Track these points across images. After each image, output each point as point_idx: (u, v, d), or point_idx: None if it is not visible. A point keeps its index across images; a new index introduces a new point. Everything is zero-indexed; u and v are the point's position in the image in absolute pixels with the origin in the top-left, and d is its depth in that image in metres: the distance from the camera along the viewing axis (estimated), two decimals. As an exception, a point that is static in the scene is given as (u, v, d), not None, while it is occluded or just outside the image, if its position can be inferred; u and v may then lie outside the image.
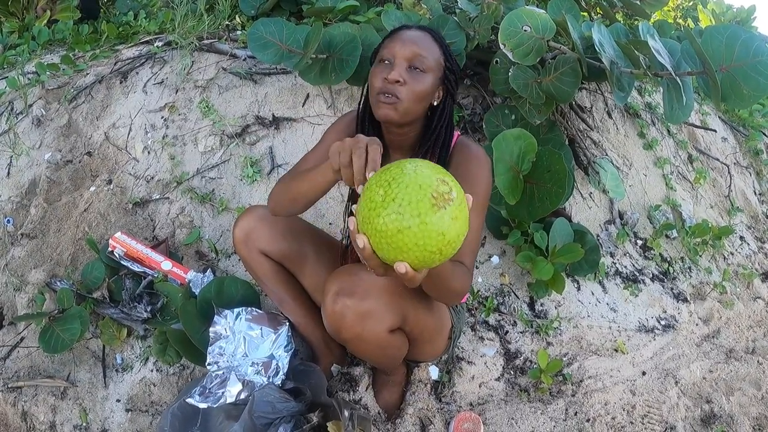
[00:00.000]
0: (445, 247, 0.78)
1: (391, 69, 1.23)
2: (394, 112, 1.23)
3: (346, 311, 1.19)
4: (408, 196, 0.75)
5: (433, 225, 0.75)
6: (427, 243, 0.76)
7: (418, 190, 0.75)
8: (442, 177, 0.78)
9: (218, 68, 2.34)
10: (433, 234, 0.76)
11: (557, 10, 2.03)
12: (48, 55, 2.53)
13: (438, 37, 1.29)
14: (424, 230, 0.75)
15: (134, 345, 1.75)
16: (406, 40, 1.24)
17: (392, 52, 1.24)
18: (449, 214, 0.76)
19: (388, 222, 0.76)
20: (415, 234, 0.75)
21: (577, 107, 2.52)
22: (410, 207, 0.75)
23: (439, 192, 0.76)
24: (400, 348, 1.38)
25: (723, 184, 2.85)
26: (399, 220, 0.75)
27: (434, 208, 0.75)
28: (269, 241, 1.52)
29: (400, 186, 0.76)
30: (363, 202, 0.80)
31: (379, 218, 0.77)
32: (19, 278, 1.88)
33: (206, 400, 1.47)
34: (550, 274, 1.87)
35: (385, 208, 0.76)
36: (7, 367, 1.71)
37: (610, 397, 1.76)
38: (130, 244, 1.84)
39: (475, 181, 1.29)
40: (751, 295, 2.41)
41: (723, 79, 1.59)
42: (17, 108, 2.24)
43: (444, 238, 0.77)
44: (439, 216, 0.75)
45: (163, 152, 2.17)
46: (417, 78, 1.23)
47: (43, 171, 2.10)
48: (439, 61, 1.27)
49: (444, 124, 1.33)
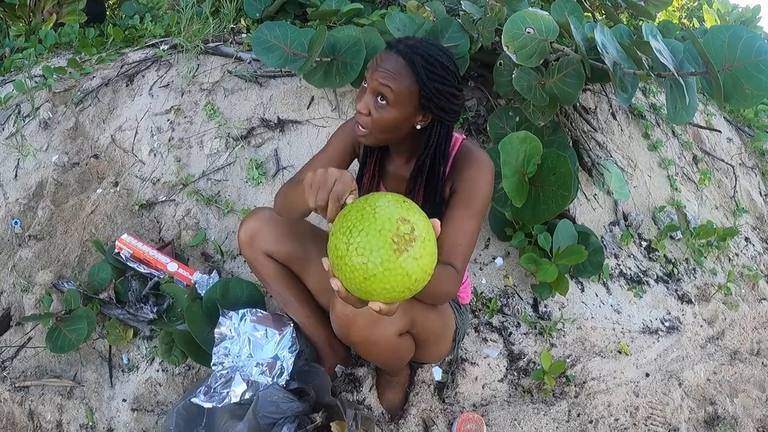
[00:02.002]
0: (412, 285, 0.80)
1: (362, 95, 1.22)
2: (365, 139, 1.25)
3: (356, 315, 1.20)
4: (369, 243, 0.77)
5: (397, 269, 0.77)
6: (394, 285, 0.78)
7: (378, 237, 0.77)
8: (403, 216, 0.79)
9: (223, 71, 2.36)
10: (398, 277, 0.78)
11: (560, 12, 2.03)
12: (55, 58, 2.56)
13: (417, 63, 1.18)
14: (389, 275, 0.77)
15: (140, 345, 1.77)
16: (377, 69, 1.19)
17: (367, 76, 1.22)
18: (412, 255, 0.78)
19: (355, 270, 0.78)
20: (381, 279, 0.77)
21: (581, 108, 2.52)
22: (372, 255, 0.76)
23: (399, 234, 0.77)
24: (408, 351, 1.39)
25: (728, 185, 2.84)
26: (364, 269, 0.77)
27: (396, 253, 0.77)
28: (274, 243, 1.53)
29: (361, 233, 0.77)
30: (330, 249, 0.82)
31: (346, 267, 0.79)
32: (26, 279, 1.90)
33: (211, 400, 1.48)
34: (554, 276, 1.88)
35: (350, 257, 0.78)
36: (14, 366, 1.72)
37: (614, 399, 1.76)
38: (137, 246, 1.86)
39: (475, 185, 1.29)
40: (756, 296, 2.40)
41: (725, 79, 1.59)
42: (24, 111, 2.26)
43: (410, 278, 0.79)
44: (402, 259, 0.77)
45: (169, 155, 2.19)
46: (380, 110, 1.20)
47: (50, 173, 2.12)
48: (409, 91, 1.19)
49: (430, 150, 1.28)
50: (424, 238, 0.80)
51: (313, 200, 1.00)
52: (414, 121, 1.25)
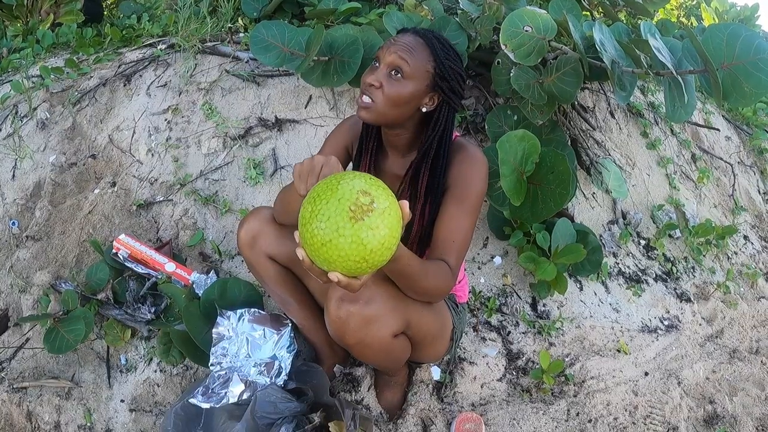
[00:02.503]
0: (369, 255, 0.82)
1: (374, 70, 1.24)
2: (367, 114, 1.25)
3: (349, 317, 1.20)
4: (328, 211, 0.80)
5: (351, 237, 0.80)
6: (348, 254, 0.81)
7: (336, 204, 0.80)
8: (365, 189, 0.82)
9: (221, 70, 2.35)
10: (353, 245, 0.80)
11: (558, 10, 2.03)
12: (52, 58, 2.55)
13: (433, 42, 1.24)
14: (344, 242, 0.80)
15: (138, 346, 1.77)
16: (393, 45, 1.23)
17: (380, 54, 1.25)
18: (368, 225, 0.80)
19: (314, 236, 0.82)
20: (336, 246, 0.81)
21: (579, 107, 2.52)
22: (329, 221, 0.80)
23: (357, 204, 0.80)
24: (403, 351, 1.38)
25: (727, 184, 2.84)
26: (321, 235, 0.81)
27: (351, 221, 0.80)
28: (277, 245, 1.51)
29: (323, 201, 0.81)
30: (299, 219, 0.86)
31: (308, 233, 0.83)
32: (24, 280, 1.89)
33: (209, 400, 1.48)
34: (552, 275, 1.87)
35: (311, 223, 0.82)
36: (12, 367, 1.72)
37: (612, 398, 1.76)
38: (134, 246, 1.86)
39: (469, 181, 1.29)
40: (755, 294, 2.40)
41: (724, 77, 1.58)
42: (22, 111, 2.25)
43: (365, 248, 0.81)
44: (356, 228, 0.80)
45: (167, 154, 2.18)
46: (393, 84, 1.22)
47: (48, 174, 2.12)
48: (425, 68, 1.23)
49: (437, 134, 1.29)
50: (384, 210, 0.82)
51: (303, 187, 1.05)
52: (421, 102, 1.27)
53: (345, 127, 1.48)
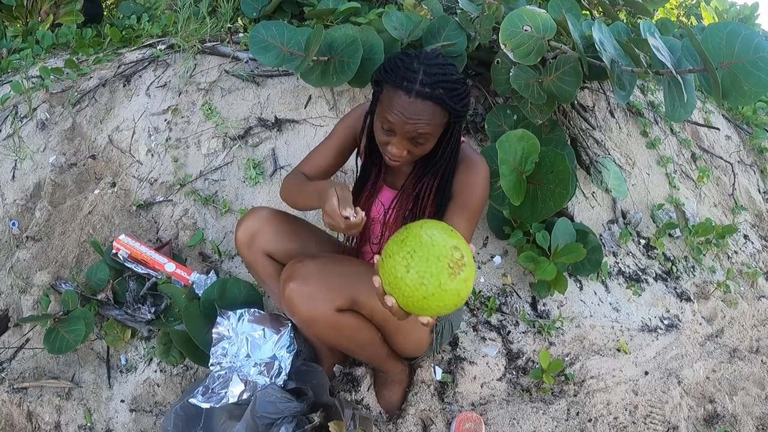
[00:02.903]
0: (459, 302, 0.93)
1: (392, 142, 1.27)
2: (402, 164, 1.34)
3: (292, 294, 1.29)
4: (429, 269, 0.89)
5: (451, 290, 0.90)
6: (447, 303, 0.92)
7: (437, 263, 0.89)
8: (454, 244, 0.92)
9: (221, 71, 2.35)
10: (451, 296, 0.91)
11: (558, 10, 2.03)
12: (52, 59, 2.55)
13: (444, 99, 1.21)
14: (445, 295, 0.90)
15: (138, 346, 1.77)
16: (407, 120, 1.21)
17: (393, 124, 1.23)
18: (463, 278, 0.91)
19: (415, 291, 0.90)
20: (437, 298, 0.90)
21: (579, 106, 2.52)
22: (432, 279, 0.89)
23: (454, 260, 0.90)
24: (357, 331, 1.37)
25: (727, 183, 2.84)
26: (423, 290, 0.90)
27: (451, 277, 0.90)
28: (274, 243, 1.52)
29: (421, 259, 0.90)
30: (388, 270, 0.94)
31: (406, 287, 0.91)
32: (24, 280, 1.90)
33: (209, 400, 1.48)
34: (552, 274, 1.87)
35: (411, 279, 0.90)
36: (12, 368, 1.72)
37: (612, 397, 1.76)
38: (134, 246, 1.86)
39: (473, 191, 1.35)
40: (755, 294, 2.40)
41: (724, 76, 1.58)
42: (22, 112, 2.26)
43: (459, 296, 0.92)
44: (456, 282, 0.90)
45: (167, 155, 2.19)
46: (419, 147, 1.27)
47: (48, 174, 2.12)
48: (442, 122, 1.26)
49: (450, 147, 1.34)
50: (470, 260, 0.94)
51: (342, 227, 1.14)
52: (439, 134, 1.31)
53: (355, 116, 1.50)
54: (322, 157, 1.51)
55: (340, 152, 1.51)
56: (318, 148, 1.53)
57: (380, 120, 1.27)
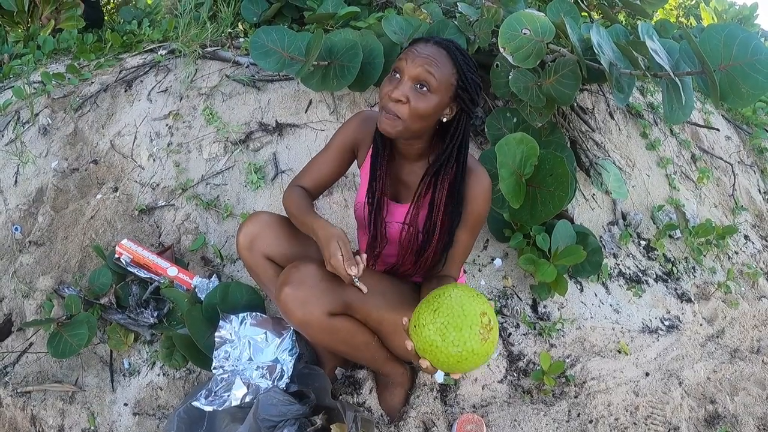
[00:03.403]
0: (488, 359, 1.08)
1: (397, 84, 1.23)
2: (392, 129, 1.26)
3: (287, 298, 1.31)
4: (462, 337, 1.02)
5: (482, 353, 1.03)
6: (478, 363, 1.05)
7: (469, 331, 1.02)
8: (483, 310, 1.04)
9: (221, 76, 2.37)
10: (483, 357, 1.05)
11: (556, 13, 2.04)
12: (53, 64, 2.57)
13: (456, 54, 1.24)
14: (477, 357, 1.03)
15: (141, 350, 1.78)
16: (416, 57, 1.21)
17: (402, 66, 1.23)
18: (491, 340, 1.04)
19: (450, 358, 1.03)
20: (470, 361, 1.03)
21: (578, 109, 2.52)
22: (466, 346, 1.02)
23: (483, 325, 1.02)
24: (352, 334, 1.39)
25: (727, 183, 2.84)
26: (458, 356, 1.03)
27: (482, 342, 1.02)
28: (274, 246, 1.53)
29: (455, 329, 1.02)
30: (423, 339, 1.05)
31: (442, 354, 1.03)
32: (27, 285, 1.91)
33: (212, 404, 1.49)
34: (552, 276, 1.88)
35: (446, 347, 1.02)
36: (16, 372, 1.73)
37: (613, 399, 1.77)
38: (137, 251, 1.87)
39: (476, 205, 1.38)
40: (756, 294, 2.41)
41: (721, 79, 1.59)
42: (24, 117, 2.27)
43: (488, 355, 1.05)
44: (486, 346, 1.03)
45: (168, 159, 2.20)
46: (420, 98, 1.22)
47: (50, 179, 2.13)
48: (449, 80, 1.24)
49: (456, 143, 1.32)
50: (496, 323, 1.05)
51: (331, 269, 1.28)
52: (443, 113, 1.29)
53: (352, 126, 1.49)
54: (321, 169, 1.52)
55: (338, 163, 1.51)
56: (316, 159, 1.53)
57: (392, 69, 1.26)
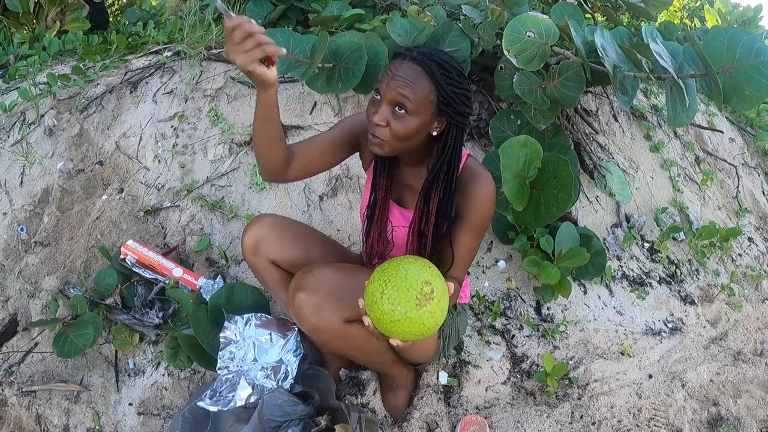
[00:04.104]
0: (425, 332, 1.03)
1: (377, 107, 1.22)
2: (380, 150, 1.26)
3: (302, 304, 1.30)
4: (398, 297, 1.00)
5: (416, 319, 1.01)
6: (411, 330, 1.02)
7: (406, 293, 1.00)
8: (426, 279, 1.02)
9: (226, 77, 2.38)
10: (416, 325, 1.01)
11: (560, 16, 2.04)
12: (59, 65, 2.58)
13: (433, 69, 1.19)
14: (410, 323, 1.01)
15: (146, 350, 1.79)
16: (391, 79, 1.19)
17: (381, 88, 1.21)
18: (429, 311, 1.01)
19: (384, 314, 1.01)
20: (402, 324, 1.01)
21: (582, 111, 2.53)
22: (399, 306, 1.00)
23: (422, 293, 1.00)
24: (365, 341, 1.37)
25: (731, 186, 2.84)
26: (391, 315, 1.01)
27: (417, 307, 1.00)
28: (279, 250, 1.53)
29: (393, 288, 1.01)
30: (367, 294, 1.05)
31: (378, 311, 1.02)
32: (33, 285, 1.92)
33: (216, 404, 1.50)
34: (556, 279, 1.88)
35: (382, 304, 1.01)
36: (21, 371, 1.74)
37: (616, 401, 1.77)
38: (142, 252, 1.88)
39: (479, 208, 1.34)
40: (759, 296, 2.41)
41: (725, 81, 1.59)
42: (29, 118, 2.28)
43: (424, 326, 1.02)
44: (420, 313, 1.00)
45: (173, 161, 2.21)
46: (399, 120, 1.21)
47: (56, 180, 2.14)
48: (427, 99, 1.20)
49: (446, 156, 1.30)
50: (440, 297, 1.03)
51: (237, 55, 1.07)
52: (430, 128, 1.26)
53: (360, 120, 1.46)
54: (317, 145, 1.43)
55: (336, 146, 1.44)
56: (316, 136, 1.46)
57: (375, 88, 1.24)
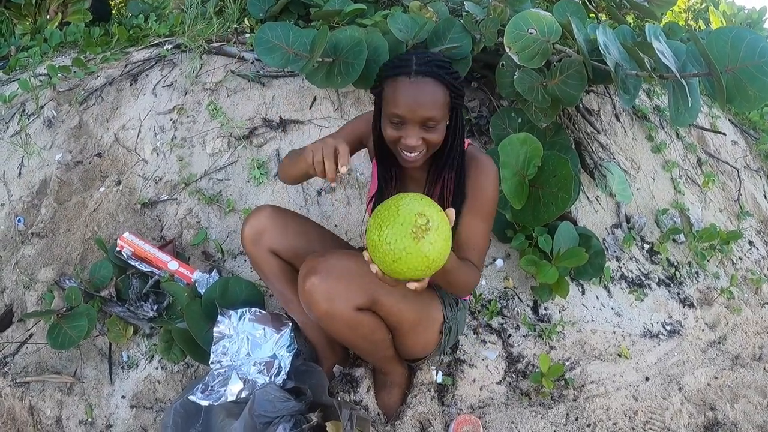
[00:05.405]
0: (430, 264, 1.02)
1: (405, 131, 1.27)
2: (419, 163, 1.34)
3: (313, 289, 1.29)
4: (394, 234, 0.99)
5: (417, 252, 0.99)
6: (416, 265, 1.01)
7: (400, 228, 0.99)
8: (420, 210, 1.01)
9: (227, 71, 2.37)
10: (419, 258, 1.00)
11: (563, 13, 2.02)
12: (59, 57, 2.58)
13: (439, 73, 1.26)
14: (411, 257, 1.00)
15: (140, 343, 1.78)
16: (413, 103, 1.24)
17: (400, 113, 1.25)
18: (428, 241, 1.00)
19: (385, 255, 1.01)
20: (405, 260, 1.00)
21: (584, 110, 2.51)
22: (397, 243, 0.99)
23: (417, 225, 0.99)
24: (373, 331, 1.38)
25: (733, 188, 2.82)
26: (391, 254, 1.00)
27: (415, 240, 0.99)
28: (280, 240, 1.53)
29: (388, 227, 1.00)
30: (368, 241, 1.05)
31: (379, 253, 1.02)
32: (29, 276, 1.91)
33: (208, 398, 1.49)
34: (554, 278, 1.87)
35: (381, 246, 1.01)
36: (15, 362, 1.74)
37: (612, 403, 1.75)
38: (138, 244, 1.87)
39: (483, 190, 1.39)
40: (759, 300, 2.39)
41: (728, 81, 1.58)
42: (29, 109, 2.28)
43: (428, 258, 1.01)
44: (420, 245, 0.99)
45: (172, 154, 2.20)
46: (432, 132, 1.28)
47: (54, 171, 2.14)
48: (446, 101, 1.27)
49: (458, 137, 1.36)
50: (437, 226, 1.01)
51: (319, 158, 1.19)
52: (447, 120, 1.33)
53: (366, 118, 1.53)
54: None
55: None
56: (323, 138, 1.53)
57: (388, 116, 1.28)
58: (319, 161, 1.19)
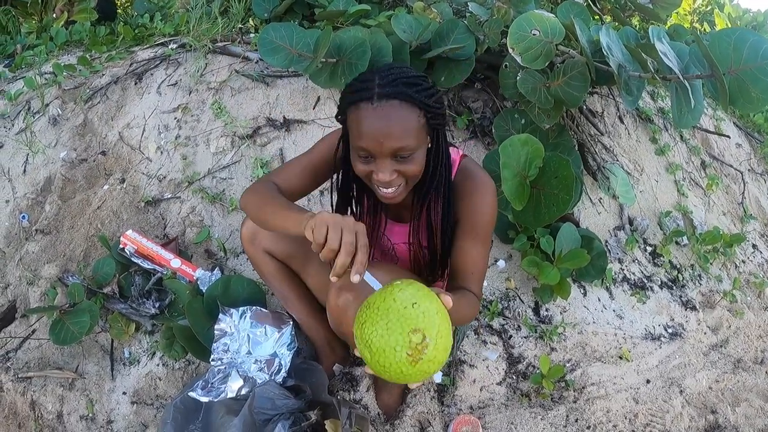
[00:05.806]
0: (432, 373, 0.90)
1: (375, 166, 1.13)
2: (399, 198, 1.20)
3: (348, 305, 1.22)
4: (388, 360, 0.86)
5: (416, 374, 0.87)
6: (417, 379, 0.89)
7: (393, 354, 0.85)
8: (413, 326, 0.85)
9: (231, 70, 2.38)
10: (419, 375, 0.88)
11: (567, 15, 2.02)
12: (65, 55, 2.59)
13: (411, 94, 1.09)
14: (411, 377, 0.88)
15: (142, 340, 1.79)
16: (378, 134, 1.07)
17: (365, 146, 1.10)
18: (427, 359, 0.86)
19: (381, 373, 0.89)
20: (404, 379, 0.89)
21: (588, 112, 2.51)
22: (393, 368, 0.87)
23: (412, 347, 0.85)
24: None
25: (736, 191, 2.81)
26: (388, 375, 0.88)
27: (411, 363, 0.85)
28: (274, 241, 1.53)
29: (378, 351, 0.86)
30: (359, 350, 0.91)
31: (374, 369, 0.90)
32: (32, 272, 1.93)
33: (208, 394, 1.50)
34: (555, 279, 1.87)
35: (374, 365, 0.89)
36: (18, 358, 1.75)
37: (613, 405, 1.75)
38: (141, 242, 1.88)
39: (480, 213, 1.28)
40: (762, 304, 2.38)
41: (731, 82, 1.57)
42: (34, 107, 2.29)
43: (428, 373, 0.88)
44: (418, 366, 0.86)
45: (176, 152, 2.21)
46: (407, 163, 1.13)
47: (59, 169, 2.15)
48: (419, 126, 1.11)
49: (441, 162, 1.22)
50: (435, 336, 0.87)
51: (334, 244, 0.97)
52: (426, 145, 1.19)
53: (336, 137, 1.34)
54: (297, 175, 1.35)
55: (315, 174, 1.37)
56: (294, 162, 1.38)
57: (355, 150, 1.14)
58: (333, 249, 0.97)
